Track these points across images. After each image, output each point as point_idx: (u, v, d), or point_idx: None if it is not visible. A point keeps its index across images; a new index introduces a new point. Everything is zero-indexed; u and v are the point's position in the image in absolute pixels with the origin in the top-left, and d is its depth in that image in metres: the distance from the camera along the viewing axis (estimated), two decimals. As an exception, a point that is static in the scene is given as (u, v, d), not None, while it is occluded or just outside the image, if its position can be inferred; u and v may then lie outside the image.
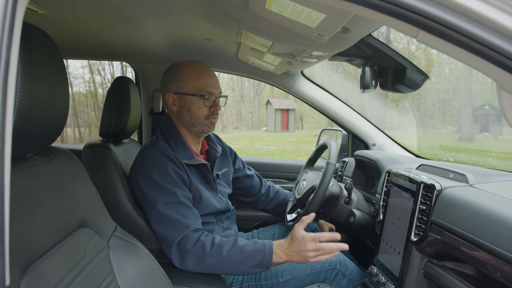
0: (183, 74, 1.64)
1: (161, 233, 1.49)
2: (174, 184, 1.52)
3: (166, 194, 1.50)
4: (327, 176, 1.61)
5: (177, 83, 1.64)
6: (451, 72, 23.48)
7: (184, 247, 1.44)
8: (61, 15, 1.56)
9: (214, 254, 1.42)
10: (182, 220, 1.47)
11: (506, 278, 0.94)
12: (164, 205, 1.49)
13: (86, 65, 19.69)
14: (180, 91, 1.64)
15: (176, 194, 1.50)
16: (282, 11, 1.07)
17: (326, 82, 2.53)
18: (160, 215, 1.48)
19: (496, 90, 0.69)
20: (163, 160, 1.54)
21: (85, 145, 1.70)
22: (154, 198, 1.50)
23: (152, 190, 1.51)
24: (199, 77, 1.63)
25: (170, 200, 1.49)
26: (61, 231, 0.98)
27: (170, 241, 1.46)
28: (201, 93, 1.62)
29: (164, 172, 1.52)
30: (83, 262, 1.01)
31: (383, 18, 0.66)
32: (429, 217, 1.25)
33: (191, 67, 1.65)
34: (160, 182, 1.50)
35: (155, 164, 1.53)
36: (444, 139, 17.96)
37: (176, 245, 1.45)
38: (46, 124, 0.93)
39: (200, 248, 1.43)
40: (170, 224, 1.47)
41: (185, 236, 1.46)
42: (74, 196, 1.07)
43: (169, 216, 1.47)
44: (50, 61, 0.93)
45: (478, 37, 0.61)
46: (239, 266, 1.42)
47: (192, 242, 1.44)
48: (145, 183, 1.52)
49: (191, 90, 1.63)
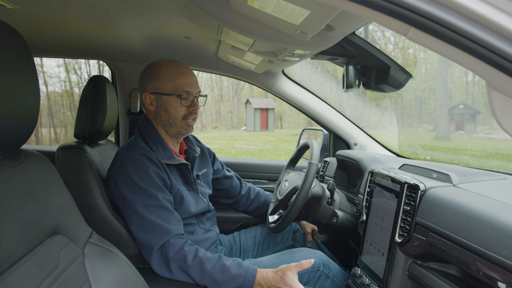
0: (160, 74, 1.61)
1: (141, 238, 1.45)
2: (155, 187, 1.48)
3: (147, 197, 1.46)
4: (309, 177, 1.60)
5: (154, 83, 1.61)
6: (427, 71, 23.96)
7: (165, 253, 1.41)
8: (32, 11, 1.49)
9: (196, 267, 1.40)
10: (163, 225, 1.44)
11: (489, 278, 0.93)
12: (145, 208, 1.45)
13: (61, 64, 19.36)
14: (157, 91, 1.61)
15: (157, 197, 1.47)
16: (264, 7, 1.03)
17: (304, 81, 2.50)
18: (141, 219, 1.44)
19: (486, 90, 0.67)
20: (144, 161, 1.50)
21: (59, 147, 1.63)
22: (135, 201, 1.45)
23: (132, 193, 1.46)
24: (176, 76, 1.61)
25: (151, 204, 1.45)
26: (31, 240, 0.92)
27: (151, 247, 1.42)
28: (178, 93, 1.60)
29: (144, 174, 1.48)
30: (56, 271, 0.96)
31: (372, 14, 0.63)
32: (414, 218, 1.24)
33: (168, 66, 1.62)
34: (141, 184, 1.46)
35: (135, 166, 1.49)
36: (421, 137, 18.30)
37: (157, 250, 1.42)
38: (14, 125, 0.89)
39: (182, 258, 1.40)
40: (151, 229, 1.43)
41: (167, 242, 1.42)
42: (46, 202, 1.02)
43: (150, 220, 1.43)
44: (18, 58, 0.88)
45: (470, 34, 0.59)
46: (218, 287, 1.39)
47: (174, 250, 1.41)
48: (125, 186, 1.48)
49: (168, 90, 1.60)
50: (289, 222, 1.64)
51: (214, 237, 1.75)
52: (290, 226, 2.01)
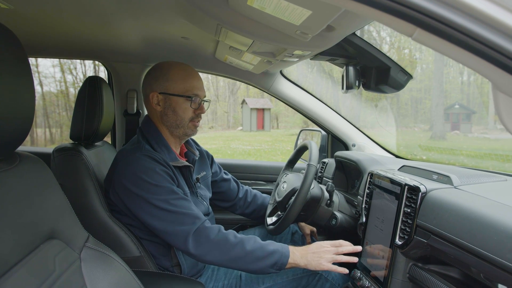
0: (171, 74, 1.60)
1: (171, 230, 1.41)
2: (166, 182, 1.46)
3: (163, 192, 1.44)
4: (308, 179, 1.58)
5: (163, 83, 1.60)
6: (423, 71, 24.01)
7: (205, 236, 1.40)
8: (27, 10, 1.46)
9: (238, 246, 1.40)
10: (189, 212, 1.43)
11: (491, 281, 0.93)
12: (164, 203, 1.42)
13: (57, 64, 19.26)
14: (166, 91, 1.59)
15: (173, 190, 1.46)
16: (264, 7, 1.02)
17: (300, 81, 2.48)
18: (164, 213, 1.42)
19: (492, 92, 0.66)
20: (151, 162, 1.48)
21: (54, 149, 1.61)
22: (152, 198, 1.42)
23: (146, 191, 1.43)
24: (187, 78, 1.60)
25: (169, 197, 1.44)
26: (27, 245, 0.91)
27: (184, 235, 1.40)
28: (187, 95, 1.59)
29: (154, 173, 1.45)
30: (52, 277, 0.94)
31: (377, 14, 0.62)
32: (414, 220, 1.23)
33: (179, 68, 1.62)
34: (153, 182, 1.44)
35: (143, 166, 1.46)
36: (417, 137, 18.36)
37: (192, 235, 1.40)
38: (9, 127, 0.87)
39: (224, 238, 1.41)
40: (179, 219, 1.41)
41: (202, 226, 1.42)
42: (41, 206, 1.00)
43: (174, 211, 1.42)
44: (13, 59, 0.87)
45: (477, 35, 0.58)
46: (258, 263, 1.40)
47: (214, 232, 1.42)
48: (136, 187, 1.44)
49: (178, 91, 1.59)
50: (288, 224, 1.63)
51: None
52: (289, 227, 2.00)
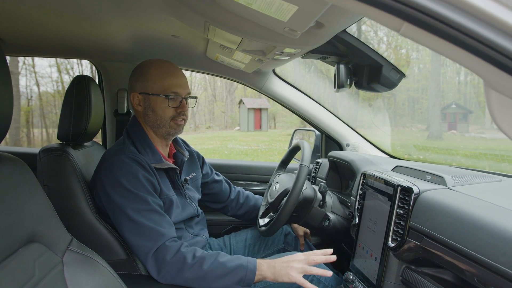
0: (149, 74, 1.57)
1: (135, 243, 1.41)
2: (145, 191, 1.45)
3: (138, 201, 1.42)
4: (300, 179, 1.56)
5: (142, 83, 1.58)
6: (420, 71, 24.05)
7: (162, 257, 1.38)
8: (7, 7, 1.42)
9: (195, 267, 1.36)
10: (156, 228, 1.41)
11: (485, 285, 0.90)
12: (136, 213, 1.41)
13: (53, 64, 19.13)
14: (145, 91, 1.57)
15: (148, 201, 1.43)
16: (251, 3, 0.99)
17: (298, 81, 2.46)
18: (133, 223, 1.40)
19: (484, 90, 0.63)
20: (133, 166, 1.46)
21: (41, 149, 1.58)
22: (125, 206, 1.41)
23: (122, 197, 1.42)
24: (165, 76, 1.57)
25: (143, 208, 1.42)
26: (4, 249, 0.88)
27: (145, 251, 1.39)
28: (165, 93, 1.56)
29: (134, 178, 1.44)
30: (32, 281, 0.91)
31: (362, 8, 0.59)
32: (407, 222, 1.20)
33: (157, 66, 1.58)
34: (131, 188, 1.42)
35: (124, 170, 1.45)
36: (414, 137, 18.38)
37: (152, 255, 1.38)
38: None
39: (180, 260, 1.37)
40: (144, 233, 1.40)
41: (163, 245, 1.39)
42: (21, 208, 0.97)
43: (142, 224, 1.40)
44: None
45: (467, 29, 0.55)
46: (220, 282, 1.36)
47: (171, 253, 1.38)
48: (114, 191, 1.44)
49: (156, 90, 1.56)
50: (280, 225, 1.60)
51: (203, 241, 1.71)
52: (282, 229, 1.97)
